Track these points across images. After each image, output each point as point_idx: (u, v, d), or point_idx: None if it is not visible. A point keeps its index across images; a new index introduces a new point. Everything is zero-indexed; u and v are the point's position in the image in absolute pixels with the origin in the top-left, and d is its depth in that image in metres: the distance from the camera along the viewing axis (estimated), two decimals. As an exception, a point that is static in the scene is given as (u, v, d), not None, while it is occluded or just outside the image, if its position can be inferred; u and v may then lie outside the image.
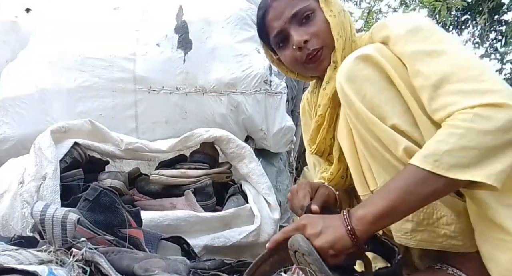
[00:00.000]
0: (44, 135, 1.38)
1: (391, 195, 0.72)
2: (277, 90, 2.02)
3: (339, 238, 0.73)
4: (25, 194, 1.26)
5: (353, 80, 0.82)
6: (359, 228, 0.73)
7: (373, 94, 0.80)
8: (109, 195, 1.09)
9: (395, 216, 0.74)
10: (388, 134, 0.78)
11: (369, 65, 0.81)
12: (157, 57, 2.00)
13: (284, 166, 2.23)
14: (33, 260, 0.79)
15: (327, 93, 0.96)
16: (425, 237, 0.81)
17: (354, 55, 0.84)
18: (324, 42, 0.96)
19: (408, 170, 0.72)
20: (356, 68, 0.82)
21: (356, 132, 0.86)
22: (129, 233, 1.05)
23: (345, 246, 0.73)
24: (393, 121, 0.78)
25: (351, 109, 0.83)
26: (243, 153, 1.61)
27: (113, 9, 2.21)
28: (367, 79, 0.81)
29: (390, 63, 0.80)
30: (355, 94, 0.81)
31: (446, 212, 0.79)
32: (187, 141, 1.60)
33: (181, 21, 2.09)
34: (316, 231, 0.74)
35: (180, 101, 1.98)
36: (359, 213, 0.74)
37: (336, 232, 0.73)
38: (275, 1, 0.99)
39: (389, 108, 0.79)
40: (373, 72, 0.81)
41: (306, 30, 0.96)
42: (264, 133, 2.02)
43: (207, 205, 1.52)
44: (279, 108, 2.04)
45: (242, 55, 2.01)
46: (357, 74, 0.82)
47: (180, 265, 0.92)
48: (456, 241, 0.79)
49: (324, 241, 0.73)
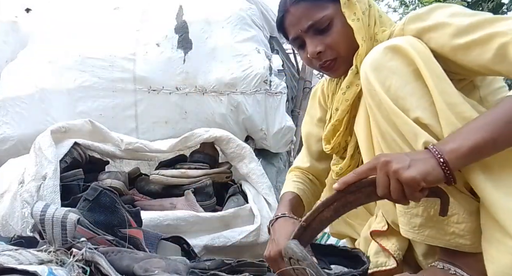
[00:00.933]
0: (44, 135, 1.38)
1: (490, 126, 0.69)
2: (277, 90, 2.02)
3: (432, 170, 0.69)
4: (25, 194, 1.26)
5: (380, 70, 0.80)
6: (453, 160, 0.69)
7: (398, 85, 0.79)
8: (109, 195, 1.09)
9: (492, 149, 0.70)
10: (410, 126, 0.77)
11: (398, 57, 0.80)
12: (157, 57, 2.00)
13: (284, 166, 2.23)
14: (33, 260, 0.79)
15: (347, 98, 0.95)
16: (433, 233, 0.80)
17: (384, 45, 0.82)
18: (338, 53, 0.94)
19: (505, 101, 0.70)
20: (385, 58, 0.81)
21: (375, 124, 0.84)
22: (129, 233, 1.05)
23: (437, 178, 0.70)
24: (416, 114, 0.76)
25: (374, 99, 0.82)
26: (243, 153, 1.61)
27: (113, 9, 2.21)
28: (394, 71, 0.79)
29: (420, 56, 0.78)
30: (380, 84, 0.80)
31: (458, 210, 0.78)
32: (187, 141, 1.60)
33: (181, 21, 2.09)
34: (404, 165, 0.70)
35: (180, 101, 1.98)
36: (451, 146, 0.70)
37: (427, 164, 0.70)
38: (293, 7, 0.95)
39: (414, 100, 0.77)
40: (401, 64, 0.79)
41: (321, 40, 0.94)
42: (264, 133, 2.02)
43: (207, 205, 1.52)
44: (279, 108, 2.04)
45: (242, 55, 2.01)
46: (384, 65, 0.80)
47: (180, 265, 0.92)
48: (463, 240, 0.78)
49: (417, 173, 0.69)
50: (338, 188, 0.76)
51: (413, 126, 0.76)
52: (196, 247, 1.32)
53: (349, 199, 0.78)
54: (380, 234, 0.94)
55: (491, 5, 6.38)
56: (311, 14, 0.93)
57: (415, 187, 0.69)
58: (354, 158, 1.00)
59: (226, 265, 1.02)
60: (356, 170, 0.76)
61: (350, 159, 1.01)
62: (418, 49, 0.79)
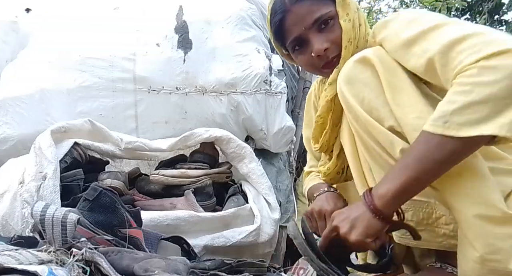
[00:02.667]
0: (44, 135, 1.38)
1: (409, 167, 0.72)
2: (277, 90, 2.02)
3: (369, 224, 0.75)
4: (25, 194, 1.26)
5: (352, 83, 0.83)
6: (384, 207, 0.74)
7: (371, 97, 0.81)
8: (109, 195, 1.09)
9: (417, 188, 0.74)
10: (386, 136, 0.79)
11: (367, 69, 0.82)
12: (157, 57, 2.00)
13: (284, 166, 2.22)
14: (33, 260, 0.79)
15: (326, 95, 0.96)
16: (425, 237, 0.81)
17: (353, 58, 0.85)
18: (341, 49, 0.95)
19: (421, 138, 0.71)
20: (355, 71, 0.83)
21: (357, 134, 0.87)
22: (129, 233, 1.05)
23: (377, 229, 0.75)
24: (389, 123, 0.79)
25: (351, 112, 0.84)
26: (243, 153, 1.61)
27: (113, 9, 2.21)
28: (365, 83, 0.82)
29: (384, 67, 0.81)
30: (354, 97, 0.82)
31: (444, 212, 0.79)
32: (187, 140, 1.60)
33: (181, 21, 2.09)
34: (347, 229, 0.77)
35: (180, 101, 1.98)
36: (380, 191, 0.75)
37: (364, 220, 0.76)
38: (295, 6, 0.95)
39: (386, 110, 0.79)
40: (371, 76, 0.82)
41: (326, 36, 0.94)
42: (264, 133, 2.02)
43: (207, 205, 1.52)
44: (279, 108, 2.04)
45: (242, 55, 2.01)
46: (356, 78, 0.83)
47: (180, 265, 0.91)
48: (455, 241, 0.79)
49: (358, 235, 0.76)
50: None
51: (389, 134, 0.78)
52: (196, 247, 1.32)
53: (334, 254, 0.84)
54: None
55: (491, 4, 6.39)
56: (316, 9, 0.94)
57: (365, 245, 0.76)
58: (340, 158, 1.02)
59: (226, 265, 1.02)
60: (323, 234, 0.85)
61: (337, 159, 1.03)
62: (383, 60, 0.82)
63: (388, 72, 0.80)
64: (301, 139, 2.46)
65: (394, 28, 0.83)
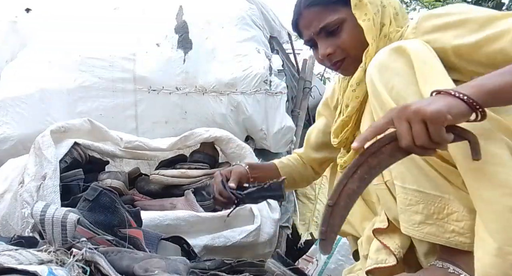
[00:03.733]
0: (44, 135, 1.38)
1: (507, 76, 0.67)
2: (277, 90, 2.02)
3: (455, 103, 0.65)
4: (25, 194, 1.26)
5: (384, 71, 0.82)
6: (475, 95, 0.65)
7: (401, 87, 0.80)
8: (109, 195, 1.09)
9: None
10: None
11: (402, 58, 0.81)
12: (157, 57, 2.00)
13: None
14: (33, 260, 0.79)
15: (357, 95, 0.96)
16: (433, 231, 0.80)
17: (389, 47, 0.84)
18: (347, 54, 0.97)
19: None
20: (389, 59, 0.82)
21: None
22: (129, 233, 1.05)
23: (462, 110, 0.65)
24: None
25: (377, 99, 0.83)
26: (243, 153, 1.61)
27: (113, 9, 2.21)
28: (397, 72, 0.81)
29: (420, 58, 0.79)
30: (383, 85, 0.81)
31: (458, 208, 0.78)
32: (187, 140, 1.60)
33: (181, 21, 2.09)
34: (424, 103, 0.65)
35: (180, 101, 1.98)
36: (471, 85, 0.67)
37: (447, 99, 0.65)
38: (306, 10, 0.99)
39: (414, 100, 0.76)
40: (405, 66, 0.81)
41: (332, 42, 0.97)
42: (264, 133, 2.02)
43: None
44: (279, 108, 2.04)
45: (242, 55, 2.01)
46: (388, 66, 0.82)
47: (180, 265, 0.91)
48: (463, 238, 0.78)
49: (441, 105, 0.64)
50: (357, 146, 0.68)
51: None
52: (196, 247, 1.32)
53: (372, 163, 0.71)
54: (382, 232, 0.94)
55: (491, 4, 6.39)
56: (323, 17, 0.97)
57: (441, 121, 0.64)
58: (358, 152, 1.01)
59: (226, 265, 1.02)
60: (372, 124, 0.71)
61: (355, 153, 1.00)
62: (419, 51, 0.80)
63: (423, 63, 0.79)
64: (301, 139, 2.45)
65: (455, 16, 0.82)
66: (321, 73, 6.05)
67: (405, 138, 0.66)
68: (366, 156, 0.71)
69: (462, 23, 0.81)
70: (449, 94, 0.66)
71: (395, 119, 0.67)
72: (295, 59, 2.94)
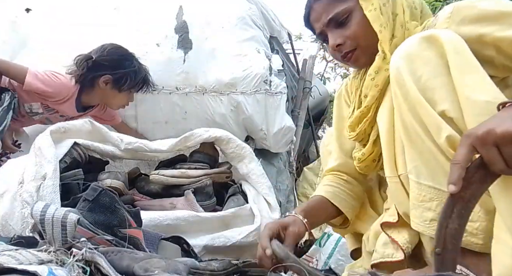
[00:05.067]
0: (44, 135, 1.38)
1: None
2: (277, 90, 2.02)
3: None
4: (25, 194, 1.26)
5: (412, 60, 0.79)
6: None
7: (429, 76, 0.77)
8: (109, 195, 1.08)
9: None
10: (434, 119, 0.75)
11: (433, 47, 0.78)
12: (157, 57, 2.00)
13: (284, 166, 2.23)
14: (33, 260, 0.79)
15: (377, 84, 0.94)
16: None
17: (420, 34, 0.81)
18: (358, 44, 0.98)
19: None
20: (418, 47, 0.79)
21: (399, 114, 0.83)
22: (129, 233, 1.04)
23: None
24: (443, 107, 0.74)
25: (401, 88, 0.80)
26: (243, 153, 1.61)
27: (113, 9, 2.21)
28: (427, 61, 0.78)
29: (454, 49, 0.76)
30: (410, 74, 0.78)
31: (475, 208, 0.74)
32: (187, 140, 1.60)
33: (181, 21, 2.09)
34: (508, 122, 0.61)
35: (180, 101, 1.98)
36: None
37: None
38: (315, 3, 1.03)
39: (442, 92, 0.75)
40: (435, 55, 0.78)
41: (341, 32, 0.99)
42: (264, 133, 2.02)
43: (207, 205, 1.52)
44: (279, 108, 2.04)
45: (242, 55, 2.01)
46: (418, 54, 0.79)
47: (180, 265, 0.91)
48: (476, 239, 0.76)
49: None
50: (456, 189, 0.65)
51: (438, 118, 0.74)
52: (196, 247, 1.31)
53: (465, 197, 0.67)
54: (391, 226, 0.93)
55: (491, 5, 6.38)
56: (331, 8, 0.99)
57: None
58: (376, 145, 0.99)
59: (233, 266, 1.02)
60: (455, 160, 0.64)
61: (373, 145, 1.00)
62: (453, 42, 0.77)
63: (458, 54, 0.76)
64: (301, 139, 2.46)
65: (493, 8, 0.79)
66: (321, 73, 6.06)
67: (498, 163, 0.63)
68: (459, 193, 0.66)
69: (502, 16, 0.78)
70: None
71: (480, 146, 0.63)
72: (295, 59, 2.94)
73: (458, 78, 0.74)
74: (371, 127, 1.00)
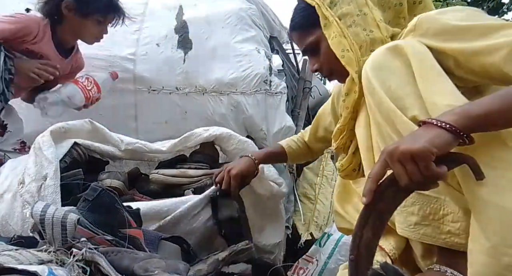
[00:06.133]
0: (44, 135, 1.38)
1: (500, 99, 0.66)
2: (277, 90, 2.02)
3: (438, 135, 0.65)
4: (26, 194, 1.26)
5: (381, 70, 0.82)
6: (459, 122, 0.65)
7: (397, 86, 0.79)
8: (109, 195, 1.09)
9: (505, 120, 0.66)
10: (407, 125, 0.76)
11: (398, 57, 0.81)
12: (157, 57, 2.00)
13: (284, 166, 2.22)
14: (33, 260, 0.79)
15: (347, 106, 1.00)
16: (429, 232, 0.80)
17: (385, 46, 0.84)
18: (332, 69, 1.05)
19: None
20: (384, 58, 0.82)
21: (375, 123, 0.85)
22: (129, 233, 1.05)
23: (447, 140, 0.65)
24: (413, 113, 0.76)
25: (374, 98, 0.83)
26: (245, 147, 1.61)
27: (113, 9, 2.21)
28: (393, 71, 0.81)
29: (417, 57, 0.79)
30: (380, 84, 0.81)
31: (453, 209, 0.78)
32: (186, 141, 1.60)
33: (181, 21, 2.09)
34: (409, 143, 0.66)
35: (180, 101, 1.98)
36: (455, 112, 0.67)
37: (432, 132, 0.66)
38: (292, 33, 1.12)
39: (411, 100, 0.77)
40: (401, 65, 0.80)
41: (316, 59, 1.07)
42: (264, 133, 2.02)
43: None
44: (279, 108, 2.04)
45: (242, 55, 2.01)
46: (384, 65, 0.82)
47: (180, 265, 0.92)
48: (459, 239, 0.78)
49: (423, 142, 0.64)
50: (367, 201, 0.70)
51: (410, 124, 0.76)
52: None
53: (379, 209, 0.72)
54: None
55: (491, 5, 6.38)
56: (302, 40, 1.07)
57: (428, 157, 0.65)
58: (356, 156, 1.03)
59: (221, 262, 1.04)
60: (370, 174, 0.71)
61: (352, 156, 1.04)
62: (417, 51, 0.80)
63: (421, 62, 0.79)
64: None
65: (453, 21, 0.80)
66: (321, 73, 6.06)
67: (403, 178, 0.67)
68: (374, 205, 0.71)
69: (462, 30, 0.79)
70: (431, 124, 0.67)
71: (389, 161, 0.69)
72: (295, 59, 2.93)
73: (423, 85, 0.77)
74: (350, 140, 1.05)
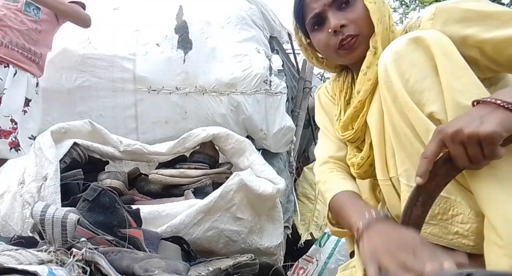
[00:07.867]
0: (44, 136, 1.38)
1: None
2: (277, 90, 2.02)
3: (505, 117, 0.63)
4: (26, 194, 1.26)
5: (400, 62, 0.79)
6: None
7: (417, 79, 0.76)
8: (108, 195, 1.09)
9: None
10: (423, 121, 0.75)
11: (420, 49, 0.78)
12: (157, 57, 2.00)
13: (284, 166, 2.22)
14: (33, 260, 0.79)
15: (369, 78, 0.93)
16: (436, 232, 0.79)
17: (407, 36, 0.80)
18: (360, 30, 0.94)
19: None
20: (407, 49, 0.79)
21: (389, 116, 0.83)
22: (129, 233, 1.05)
23: None
24: (431, 109, 0.74)
25: (390, 91, 0.80)
26: (243, 147, 1.61)
27: (113, 9, 2.21)
28: (414, 63, 0.77)
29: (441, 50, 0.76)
30: (399, 77, 0.78)
31: (464, 210, 0.76)
32: (185, 142, 1.60)
33: (181, 21, 2.09)
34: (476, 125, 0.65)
35: (180, 101, 1.98)
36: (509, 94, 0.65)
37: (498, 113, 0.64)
38: None
39: (431, 95, 0.75)
40: (423, 57, 0.77)
41: (344, 15, 0.94)
42: (264, 133, 2.02)
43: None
44: (279, 108, 2.04)
45: (242, 55, 2.01)
46: (406, 56, 0.79)
47: (180, 265, 0.92)
48: (467, 241, 0.76)
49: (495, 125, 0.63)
50: (422, 182, 0.70)
51: (426, 121, 0.74)
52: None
53: (430, 188, 0.72)
54: None
55: (491, 5, 6.37)
56: None
57: (497, 141, 0.64)
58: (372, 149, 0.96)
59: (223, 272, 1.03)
60: (425, 154, 0.70)
61: (370, 148, 0.96)
62: (441, 43, 0.77)
63: (445, 55, 0.76)
64: (301, 139, 2.46)
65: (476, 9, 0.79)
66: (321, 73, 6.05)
67: (463, 160, 0.68)
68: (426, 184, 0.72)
69: (484, 16, 0.77)
70: (495, 104, 0.65)
71: (449, 143, 0.68)
72: (295, 59, 2.94)
73: (447, 81, 0.74)
74: (365, 125, 0.97)
